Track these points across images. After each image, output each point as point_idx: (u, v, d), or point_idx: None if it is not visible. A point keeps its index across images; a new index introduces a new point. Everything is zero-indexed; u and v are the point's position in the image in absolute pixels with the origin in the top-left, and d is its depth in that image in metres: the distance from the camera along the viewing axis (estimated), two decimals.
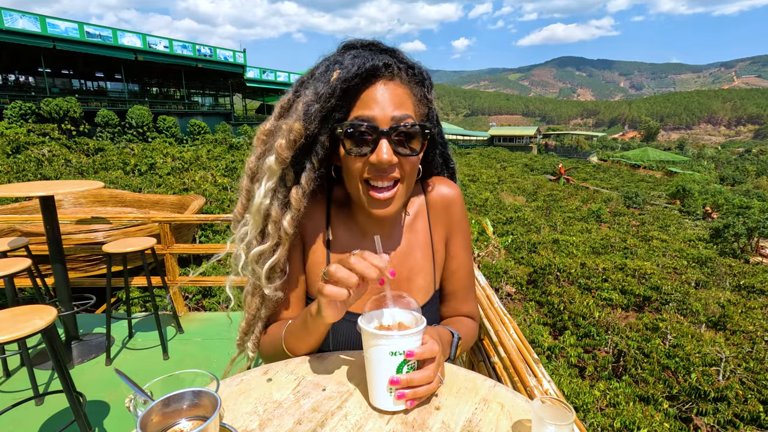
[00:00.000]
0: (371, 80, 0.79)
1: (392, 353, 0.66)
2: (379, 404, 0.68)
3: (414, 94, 0.84)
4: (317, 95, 0.78)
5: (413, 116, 0.81)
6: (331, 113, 0.80)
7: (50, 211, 2.70)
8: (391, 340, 0.65)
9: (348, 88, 0.78)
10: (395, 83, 0.80)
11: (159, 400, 0.51)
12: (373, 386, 0.69)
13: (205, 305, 5.07)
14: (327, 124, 0.81)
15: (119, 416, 2.38)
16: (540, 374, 1.10)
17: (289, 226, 0.84)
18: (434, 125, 0.92)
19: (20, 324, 1.77)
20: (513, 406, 0.71)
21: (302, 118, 0.78)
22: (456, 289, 1.02)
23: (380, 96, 0.78)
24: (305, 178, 0.83)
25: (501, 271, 7.29)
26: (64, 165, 11.78)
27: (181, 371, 0.62)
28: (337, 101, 0.79)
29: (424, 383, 0.68)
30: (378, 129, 0.77)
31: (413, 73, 0.84)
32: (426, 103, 0.87)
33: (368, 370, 0.69)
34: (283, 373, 0.79)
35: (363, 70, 0.77)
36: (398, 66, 0.81)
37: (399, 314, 0.72)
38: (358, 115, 0.79)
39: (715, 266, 9.36)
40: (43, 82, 28.43)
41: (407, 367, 0.67)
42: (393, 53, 0.83)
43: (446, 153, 1.02)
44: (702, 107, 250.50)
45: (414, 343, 0.67)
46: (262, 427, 0.64)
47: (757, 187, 32.97)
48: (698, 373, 4.44)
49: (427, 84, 0.87)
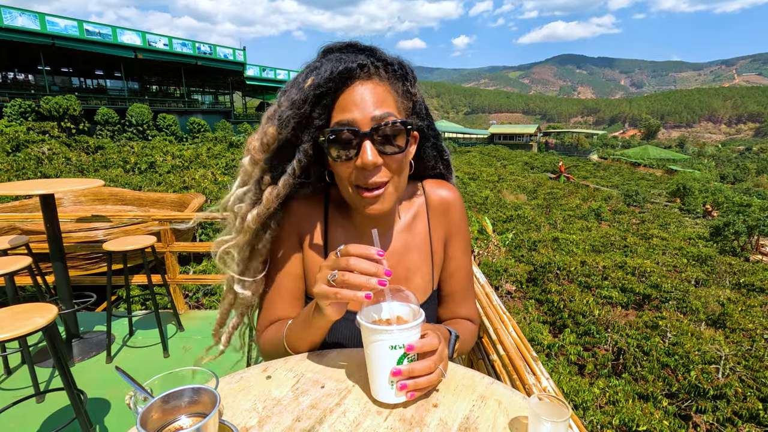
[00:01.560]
0: (347, 83, 0.78)
1: (392, 347, 0.66)
2: (380, 397, 0.69)
3: (395, 90, 0.83)
4: (291, 102, 0.80)
5: (396, 113, 0.80)
6: (311, 120, 0.81)
7: (51, 209, 2.70)
8: (390, 334, 0.66)
9: (322, 93, 0.78)
10: (373, 82, 0.79)
11: (158, 397, 0.51)
12: (374, 380, 0.69)
13: (205, 303, 5.08)
14: (308, 132, 0.81)
15: (120, 414, 2.39)
16: (538, 372, 1.10)
17: (252, 221, 0.85)
18: (422, 118, 0.92)
19: (21, 322, 1.78)
20: (510, 403, 0.71)
21: (276, 123, 0.80)
22: (455, 291, 1.02)
23: (358, 98, 0.78)
24: (283, 181, 0.84)
25: (501, 269, 7.30)
26: (64, 163, 11.79)
27: (181, 368, 0.62)
28: (311, 107, 0.79)
29: (425, 374, 0.68)
30: (359, 132, 0.76)
31: (392, 69, 0.82)
32: (410, 97, 0.86)
33: (369, 364, 0.70)
34: (282, 371, 0.79)
35: (336, 74, 0.77)
36: (374, 64, 0.80)
37: (397, 308, 0.72)
38: (338, 119, 0.78)
39: (715, 264, 9.36)
40: (42, 80, 28.42)
41: (407, 359, 0.68)
42: (371, 52, 0.82)
43: (439, 145, 1.00)
44: (702, 105, 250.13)
45: (413, 337, 0.68)
46: (261, 424, 0.65)
47: (757, 185, 32.96)
48: (698, 371, 4.45)
49: (409, 78, 0.86)
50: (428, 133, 0.95)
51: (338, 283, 0.67)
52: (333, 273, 0.68)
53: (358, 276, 0.65)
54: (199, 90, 43.89)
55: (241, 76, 34.84)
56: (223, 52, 32.34)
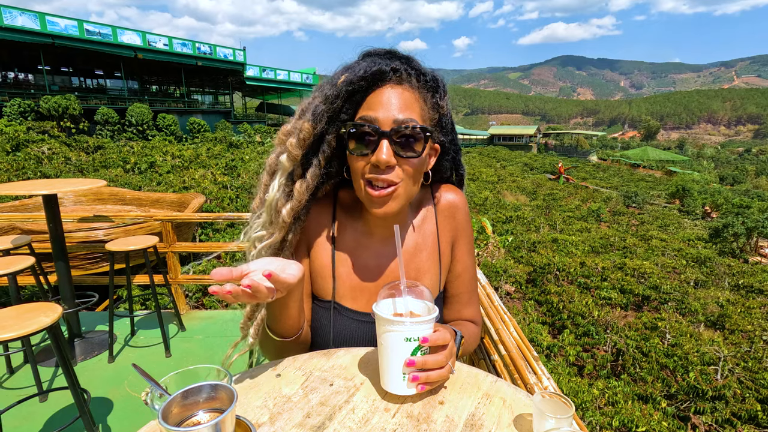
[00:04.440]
0: (378, 84, 0.82)
1: (407, 339, 0.69)
2: (391, 389, 0.71)
3: (423, 99, 0.85)
4: (324, 97, 0.82)
5: (419, 120, 0.82)
6: (339, 114, 0.84)
7: (53, 209, 2.72)
8: (404, 326, 0.68)
9: (353, 90, 0.81)
10: (403, 87, 0.82)
11: (179, 393, 0.53)
12: (386, 371, 0.71)
13: (206, 303, 5.09)
14: (334, 124, 0.85)
15: (122, 413, 2.40)
16: (540, 371, 1.12)
17: (287, 215, 0.87)
18: (447, 133, 0.94)
19: (26, 321, 1.79)
20: (514, 400, 0.73)
21: (310, 118, 0.82)
22: (460, 293, 1.04)
23: (385, 99, 0.81)
24: (311, 173, 0.87)
25: (501, 269, 7.32)
26: (64, 163, 11.79)
27: (195, 366, 0.64)
28: (342, 103, 0.83)
29: (437, 367, 0.71)
30: (379, 130, 0.79)
31: (424, 80, 0.85)
32: (437, 110, 0.89)
33: (382, 355, 0.71)
34: (292, 369, 0.81)
35: (369, 74, 0.80)
36: (408, 71, 0.83)
37: (411, 303, 0.75)
38: (362, 115, 0.82)
39: (714, 266, 9.39)
40: (42, 79, 28.40)
41: (420, 352, 0.70)
42: (407, 60, 0.85)
43: (458, 159, 1.02)
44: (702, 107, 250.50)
45: (427, 331, 0.70)
46: (273, 420, 0.66)
47: (756, 186, 32.99)
48: (696, 372, 4.47)
49: (440, 91, 0.88)
50: (449, 147, 0.98)
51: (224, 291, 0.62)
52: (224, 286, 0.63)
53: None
54: (199, 90, 43.89)
55: (241, 76, 34.85)
56: (223, 52, 32.34)
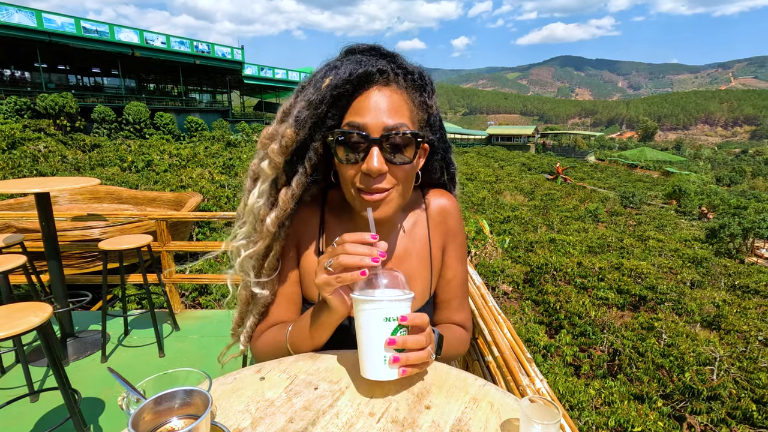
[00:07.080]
0: (365, 86, 0.78)
1: (387, 319, 0.68)
2: (372, 375, 0.69)
3: (411, 100, 0.81)
4: (308, 102, 0.78)
5: (409, 123, 0.79)
6: (324, 119, 0.80)
7: (46, 207, 2.69)
8: (382, 303, 0.67)
9: (339, 94, 0.77)
10: (391, 89, 0.79)
11: (150, 399, 0.51)
12: (365, 354, 0.69)
13: (202, 303, 5.06)
14: (319, 130, 0.81)
15: (114, 413, 2.38)
16: (533, 373, 1.11)
17: (272, 224, 0.85)
18: (435, 131, 0.91)
19: (16, 321, 1.77)
20: (502, 405, 0.72)
21: (293, 124, 0.79)
22: (450, 298, 1.03)
23: (373, 103, 0.77)
24: (296, 181, 0.84)
25: (498, 269, 7.31)
26: (60, 161, 11.73)
27: (174, 369, 0.62)
28: (327, 108, 0.78)
29: (417, 348, 0.69)
30: (369, 137, 0.76)
31: (412, 79, 0.82)
32: (426, 109, 0.85)
33: (361, 338, 0.70)
34: (276, 372, 0.80)
35: (354, 77, 0.76)
36: (395, 71, 0.79)
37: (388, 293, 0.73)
38: (349, 121, 0.78)
39: (710, 266, 9.41)
40: (39, 77, 28.24)
41: (401, 332, 0.69)
42: (392, 58, 0.81)
43: (447, 157, 0.99)
44: (699, 108, 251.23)
45: (405, 310, 0.69)
46: (254, 425, 0.65)
47: (752, 187, 33.13)
48: (692, 372, 4.47)
49: (428, 90, 0.84)
50: (438, 146, 0.94)
51: (335, 267, 0.69)
52: (329, 260, 0.70)
53: (352, 256, 0.67)
54: (197, 89, 43.72)
55: (239, 75, 34.72)
56: (221, 51, 32.23)
